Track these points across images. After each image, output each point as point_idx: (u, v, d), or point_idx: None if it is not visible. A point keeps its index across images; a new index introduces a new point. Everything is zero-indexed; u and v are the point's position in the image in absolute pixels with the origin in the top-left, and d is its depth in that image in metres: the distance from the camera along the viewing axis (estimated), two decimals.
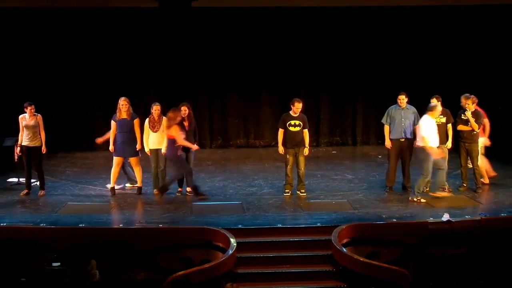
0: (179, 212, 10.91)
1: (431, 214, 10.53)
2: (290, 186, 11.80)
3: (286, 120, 11.66)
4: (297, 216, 10.67)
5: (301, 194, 11.75)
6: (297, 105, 11.59)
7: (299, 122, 11.59)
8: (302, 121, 11.63)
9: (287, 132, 11.62)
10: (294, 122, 11.60)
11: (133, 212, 10.95)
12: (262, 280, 9.37)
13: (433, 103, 11.48)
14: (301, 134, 11.64)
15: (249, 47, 16.27)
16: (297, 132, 11.60)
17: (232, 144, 16.96)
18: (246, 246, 9.60)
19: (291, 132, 11.61)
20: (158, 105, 11.82)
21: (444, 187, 11.87)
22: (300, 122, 11.60)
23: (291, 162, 11.67)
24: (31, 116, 11.71)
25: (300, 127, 11.60)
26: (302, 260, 9.60)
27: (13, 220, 10.36)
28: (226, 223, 10.12)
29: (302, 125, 11.61)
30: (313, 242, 9.78)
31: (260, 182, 12.90)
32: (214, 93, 16.74)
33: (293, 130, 11.60)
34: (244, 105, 16.94)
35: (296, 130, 11.59)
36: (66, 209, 11.12)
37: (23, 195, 11.80)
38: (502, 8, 15.20)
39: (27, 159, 11.81)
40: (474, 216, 10.29)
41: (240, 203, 11.34)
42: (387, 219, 10.28)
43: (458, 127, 11.82)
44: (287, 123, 11.62)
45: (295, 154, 11.65)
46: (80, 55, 15.80)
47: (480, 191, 11.78)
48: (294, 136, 11.62)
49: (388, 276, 8.72)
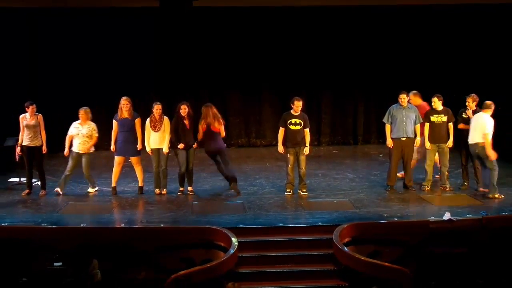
0: (180, 211, 10.91)
1: (432, 213, 10.52)
2: (291, 186, 11.80)
3: (286, 119, 11.65)
4: (298, 215, 10.66)
5: (303, 193, 11.74)
6: (297, 104, 11.58)
7: (299, 121, 11.58)
8: (303, 120, 11.62)
9: (288, 131, 11.61)
10: (295, 121, 11.59)
11: (134, 211, 10.95)
12: (263, 279, 9.36)
13: (487, 101, 11.47)
14: (302, 133, 11.63)
15: (250, 46, 16.26)
16: (298, 131, 11.59)
17: (233, 143, 16.95)
18: (248, 246, 9.60)
19: (292, 131, 11.60)
20: (159, 105, 11.82)
21: (445, 187, 11.89)
22: (301, 121, 11.59)
23: (292, 161, 11.67)
24: (32, 115, 11.72)
25: (301, 126, 11.59)
26: (303, 260, 9.60)
27: (14, 220, 10.36)
28: (227, 222, 10.12)
29: (303, 124, 11.60)
30: (315, 241, 9.78)
31: (262, 182, 12.90)
32: (215, 92, 16.70)
33: (293, 129, 11.59)
34: (245, 105, 16.93)
35: (297, 128, 11.58)
36: (68, 209, 11.13)
37: (25, 195, 11.81)
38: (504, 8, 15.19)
39: (28, 159, 11.81)
40: (475, 215, 10.28)
41: (242, 203, 11.33)
42: (388, 218, 10.28)
43: (459, 125, 11.82)
44: (287, 122, 11.61)
45: (296, 153, 11.65)
46: (80, 55, 15.79)
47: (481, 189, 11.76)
48: (294, 135, 11.61)
49: (390, 276, 8.72)
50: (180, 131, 11.68)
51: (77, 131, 11.76)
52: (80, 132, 11.75)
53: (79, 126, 11.80)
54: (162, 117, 11.77)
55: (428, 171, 11.89)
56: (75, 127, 11.81)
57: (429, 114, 11.85)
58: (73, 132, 11.78)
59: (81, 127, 11.79)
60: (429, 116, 11.83)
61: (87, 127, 11.80)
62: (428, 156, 11.86)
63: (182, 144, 11.66)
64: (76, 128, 11.79)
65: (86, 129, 11.78)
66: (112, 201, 11.57)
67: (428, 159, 11.86)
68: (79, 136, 11.76)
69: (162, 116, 11.78)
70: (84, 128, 11.78)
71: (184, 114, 11.65)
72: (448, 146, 11.77)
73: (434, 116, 11.79)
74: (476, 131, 11.32)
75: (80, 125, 11.81)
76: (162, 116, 11.78)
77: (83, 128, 11.78)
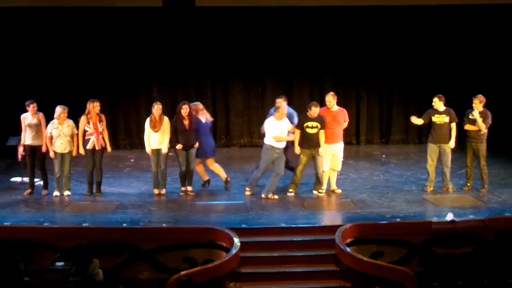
0: (182, 211, 10.90)
1: (435, 213, 10.51)
2: (295, 186, 11.77)
3: (303, 121, 11.61)
4: (300, 215, 10.64)
5: (319, 194, 11.70)
6: (314, 109, 11.49)
7: (316, 124, 11.50)
8: (320, 122, 11.53)
9: (304, 134, 11.52)
10: (312, 124, 11.52)
11: (136, 211, 10.93)
12: (265, 279, 9.36)
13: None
14: (318, 135, 11.57)
15: (253, 46, 16.23)
16: (315, 134, 11.52)
17: (235, 143, 16.92)
18: (250, 246, 9.59)
19: (308, 134, 11.50)
20: (159, 105, 11.79)
21: (448, 187, 11.86)
22: (318, 124, 11.50)
23: (304, 162, 11.61)
24: (33, 114, 11.69)
25: (318, 129, 11.52)
26: (305, 260, 9.60)
27: (16, 220, 10.35)
28: (229, 222, 10.12)
29: (319, 126, 11.53)
30: (317, 242, 9.77)
31: (264, 182, 12.85)
32: (217, 92, 16.71)
33: (310, 132, 11.51)
34: (248, 104, 16.89)
35: (314, 132, 11.51)
36: (70, 209, 11.13)
37: (27, 194, 11.80)
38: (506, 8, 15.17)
39: (30, 158, 11.80)
40: (478, 216, 10.26)
41: (244, 203, 11.33)
42: (391, 219, 10.26)
43: (465, 126, 11.77)
44: (304, 125, 11.56)
45: (312, 155, 11.62)
46: (83, 55, 15.77)
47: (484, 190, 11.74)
48: (311, 138, 11.53)
49: (392, 276, 8.72)
50: (179, 131, 11.66)
51: (58, 132, 11.55)
52: (62, 132, 11.56)
53: (59, 127, 11.58)
54: (162, 117, 11.72)
55: (430, 172, 11.86)
56: (55, 127, 11.57)
57: (430, 114, 11.82)
58: (54, 133, 11.55)
59: (61, 126, 11.58)
60: (430, 116, 11.80)
61: (66, 126, 11.61)
62: (429, 156, 11.83)
63: (180, 145, 11.65)
64: (56, 128, 11.56)
65: (66, 128, 11.59)
66: (114, 201, 11.54)
67: (429, 159, 11.83)
68: (61, 136, 11.55)
69: (162, 116, 11.73)
70: (64, 128, 11.59)
71: (185, 114, 11.63)
72: (449, 147, 11.72)
73: (435, 117, 11.75)
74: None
75: (59, 125, 11.58)
76: (162, 116, 11.74)
77: (63, 128, 11.59)
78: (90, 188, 11.87)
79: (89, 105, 11.64)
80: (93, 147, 11.62)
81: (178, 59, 16.17)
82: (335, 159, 11.80)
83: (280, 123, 11.48)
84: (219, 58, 16.27)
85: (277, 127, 11.43)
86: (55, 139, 11.58)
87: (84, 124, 11.60)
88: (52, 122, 11.63)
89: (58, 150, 11.61)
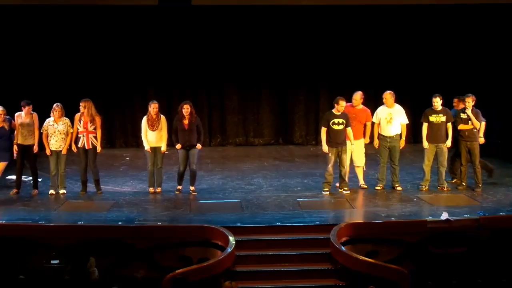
0: (178, 210, 10.91)
1: (430, 213, 10.53)
2: (329, 185, 11.73)
3: (329, 118, 11.53)
4: (295, 214, 10.64)
5: (345, 192, 11.71)
6: (341, 103, 11.43)
7: (342, 121, 11.49)
8: (345, 119, 11.52)
9: (331, 131, 11.49)
10: (338, 121, 11.49)
11: (132, 210, 10.93)
12: (261, 278, 9.35)
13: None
14: (344, 132, 11.57)
15: (248, 45, 16.25)
16: (341, 131, 11.51)
17: (231, 142, 16.94)
18: (245, 244, 9.59)
19: (335, 130, 11.48)
20: (156, 103, 11.78)
21: (443, 187, 11.89)
22: (344, 120, 11.49)
23: (333, 161, 11.59)
24: (27, 114, 11.63)
25: (344, 125, 11.52)
26: (301, 259, 9.59)
27: (12, 218, 10.33)
28: (225, 221, 10.11)
29: (345, 123, 11.53)
30: (312, 240, 9.77)
31: (259, 181, 12.89)
32: (213, 91, 16.72)
33: (336, 129, 11.48)
34: (244, 104, 16.91)
35: (340, 128, 11.49)
36: (65, 207, 11.12)
37: (13, 194, 11.69)
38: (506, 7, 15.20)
39: (19, 158, 11.70)
40: (473, 215, 10.29)
41: (239, 201, 11.33)
42: (386, 218, 10.28)
43: (459, 126, 11.80)
44: (330, 122, 11.52)
45: (338, 153, 11.60)
46: (77, 53, 15.77)
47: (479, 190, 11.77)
48: (337, 135, 11.51)
49: (387, 275, 8.73)
50: (178, 131, 11.66)
51: (53, 129, 11.58)
52: (57, 130, 11.58)
53: (54, 124, 11.60)
54: (159, 116, 11.73)
55: (426, 171, 11.89)
56: (50, 124, 11.60)
57: (428, 114, 11.85)
58: (50, 130, 11.59)
59: (56, 124, 11.59)
60: (428, 116, 11.83)
61: (61, 123, 11.64)
62: (426, 156, 11.85)
63: (179, 144, 11.65)
64: (52, 126, 11.60)
65: (62, 125, 11.62)
66: (109, 199, 11.54)
67: (426, 159, 11.85)
68: (55, 134, 11.57)
69: (159, 115, 11.73)
70: (59, 125, 11.60)
71: (185, 114, 11.62)
72: (446, 146, 11.76)
73: (433, 116, 11.78)
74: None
75: (55, 123, 11.60)
76: (158, 115, 11.74)
77: (58, 125, 11.60)
78: (84, 187, 11.85)
79: (81, 104, 11.66)
80: (83, 145, 11.64)
81: (174, 57, 16.18)
82: (356, 155, 11.82)
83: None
84: (215, 57, 16.30)
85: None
86: (50, 137, 11.58)
87: (77, 122, 11.63)
88: (48, 120, 11.64)
89: (53, 147, 11.61)
